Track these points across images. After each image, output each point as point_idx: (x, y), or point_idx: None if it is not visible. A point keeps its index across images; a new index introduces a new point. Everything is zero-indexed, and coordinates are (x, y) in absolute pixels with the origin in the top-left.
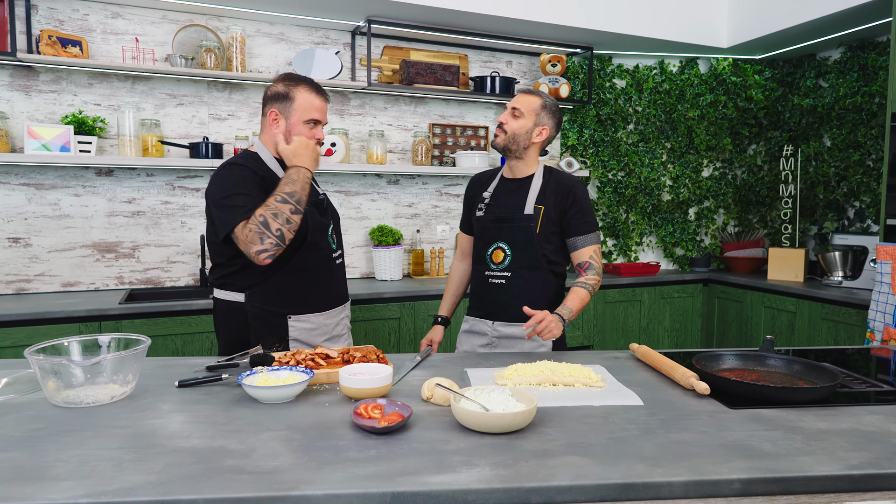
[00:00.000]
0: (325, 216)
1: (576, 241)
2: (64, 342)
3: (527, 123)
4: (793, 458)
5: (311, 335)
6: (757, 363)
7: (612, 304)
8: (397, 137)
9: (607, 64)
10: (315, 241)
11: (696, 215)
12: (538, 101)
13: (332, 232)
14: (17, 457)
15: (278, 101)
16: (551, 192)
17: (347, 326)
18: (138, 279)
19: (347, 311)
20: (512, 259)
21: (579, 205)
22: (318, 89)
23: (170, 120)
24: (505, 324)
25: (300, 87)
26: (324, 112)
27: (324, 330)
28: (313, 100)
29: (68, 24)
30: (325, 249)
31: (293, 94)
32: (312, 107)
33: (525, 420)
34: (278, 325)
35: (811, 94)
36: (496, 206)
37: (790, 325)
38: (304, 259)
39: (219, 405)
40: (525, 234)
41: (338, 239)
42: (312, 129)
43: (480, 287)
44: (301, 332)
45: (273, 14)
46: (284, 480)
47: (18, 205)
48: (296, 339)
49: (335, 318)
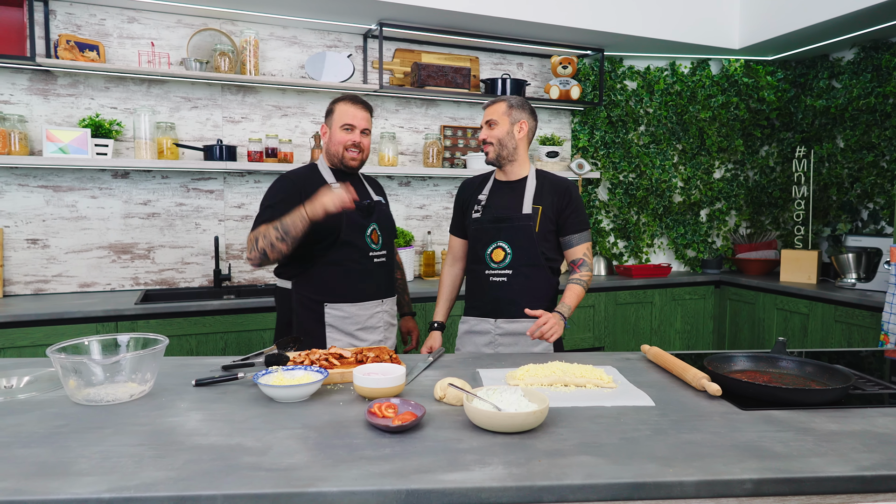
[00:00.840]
0: (368, 218)
1: (571, 239)
2: (84, 341)
3: (504, 127)
4: (804, 459)
5: (344, 323)
6: (769, 365)
7: (623, 306)
8: (409, 139)
9: (618, 66)
10: (350, 240)
11: (708, 217)
12: (503, 104)
13: (374, 233)
14: (40, 453)
15: (326, 118)
16: (547, 192)
17: (386, 321)
18: (153, 280)
19: (387, 306)
20: (513, 257)
21: (574, 205)
22: (356, 100)
23: (184, 123)
24: (508, 321)
25: (340, 102)
26: (359, 118)
27: (356, 320)
28: (348, 108)
29: (86, 29)
30: (362, 248)
31: (334, 108)
32: (346, 114)
33: (537, 420)
34: (317, 311)
35: (824, 95)
36: (493, 208)
37: (803, 328)
38: (340, 254)
39: (235, 404)
40: (525, 233)
41: (382, 241)
42: (349, 133)
43: (480, 286)
44: (335, 320)
45: (286, 18)
46: (301, 477)
47: (37, 206)
48: (331, 325)
49: (369, 311)
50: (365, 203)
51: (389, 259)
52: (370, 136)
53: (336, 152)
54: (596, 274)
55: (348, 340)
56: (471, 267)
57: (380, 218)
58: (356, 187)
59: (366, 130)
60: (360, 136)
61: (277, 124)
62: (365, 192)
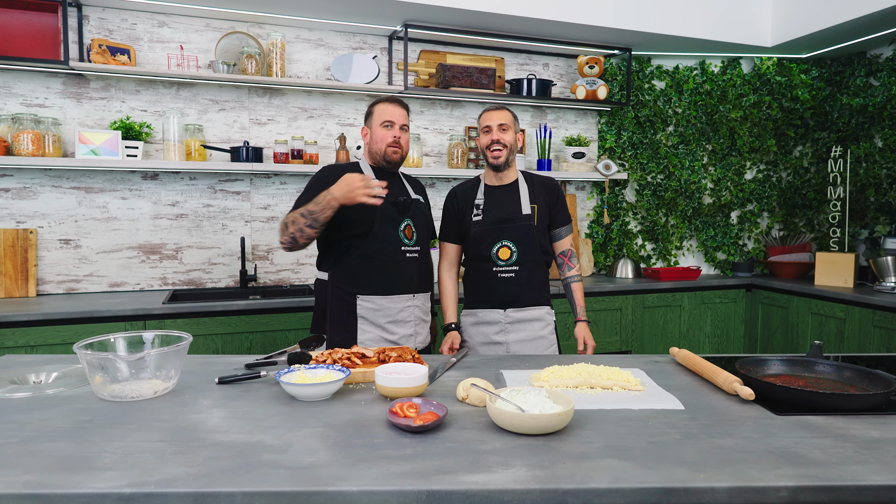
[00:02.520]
0: (403, 214)
1: (560, 232)
2: (110, 338)
3: (512, 133)
4: (843, 466)
5: (375, 315)
6: (804, 369)
7: (650, 309)
8: (433, 141)
9: (646, 65)
10: (383, 233)
11: (739, 219)
12: (510, 113)
13: (408, 228)
14: (65, 447)
15: (367, 119)
16: (539, 191)
17: (417, 316)
18: (181, 280)
19: (419, 301)
20: (518, 254)
21: (562, 201)
22: (393, 99)
23: (212, 125)
24: (517, 310)
25: (378, 103)
26: (397, 115)
27: (386, 313)
28: (386, 107)
29: (117, 34)
30: (395, 242)
31: (373, 110)
32: (385, 111)
33: (562, 422)
34: (349, 302)
35: (861, 94)
36: (494, 210)
37: (839, 333)
38: (373, 247)
39: (257, 402)
40: (527, 231)
41: (417, 237)
42: (389, 129)
43: (487, 282)
44: (366, 311)
45: (312, 20)
46: (321, 476)
47: (69, 208)
48: (362, 317)
49: (399, 304)
50: (401, 199)
51: (423, 255)
52: (408, 132)
53: (378, 149)
54: (623, 276)
55: (378, 333)
56: (475, 265)
57: (415, 215)
58: (396, 185)
59: (404, 126)
60: (399, 131)
61: (303, 126)
62: (403, 189)
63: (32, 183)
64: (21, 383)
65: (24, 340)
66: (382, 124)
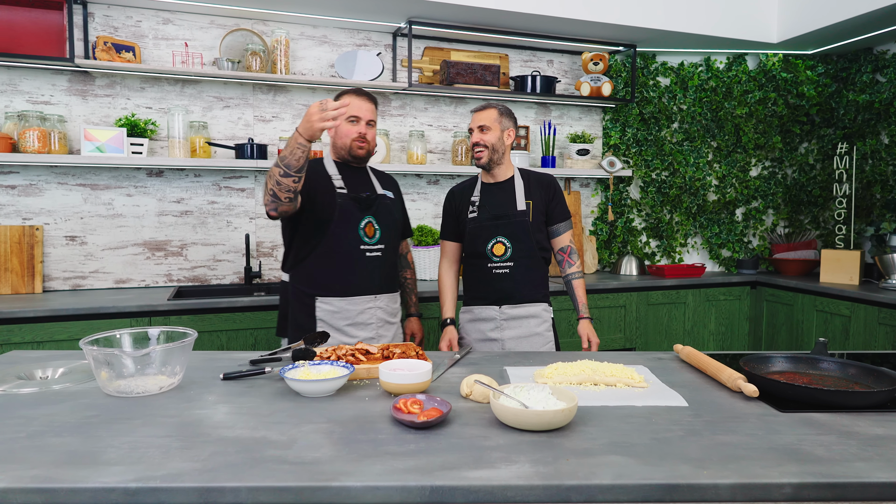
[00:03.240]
0: (365, 210)
1: (558, 228)
2: (116, 334)
3: (495, 133)
4: (848, 463)
5: (333, 318)
6: (809, 366)
7: (655, 307)
8: (437, 138)
9: (651, 62)
10: (340, 231)
11: (744, 216)
12: (494, 111)
13: (370, 226)
14: (71, 442)
15: None
16: (535, 187)
17: (379, 318)
18: (186, 277)
19: (381, 303)
20: (513, 250)
21: (559, 197)
22: (360, 92)
23: (216, 122)
24: (512, 306)
25: (345, 95)
26: (364, 110)
27: (346, 315)
28: (353, 100)
29: (122, 31)
30: (353, 240)
31: (339, 101)
32: (353, 106)
33: (565, 418)
34: (308, 304)
35: (868, 90)
36: (489, 207)
37: (844, 330)
38: (330, 246)
39: (262, 398)
40: (522, 227)
41: (380, 235)
42: (354, 125)
43: (483, 278)
44: (325, 314)
45: (316, 17)
46: (325, 471)
47: (75, 204)
48: (321, 320)
49: (359, 306)
50: (363, 195)
51: (388, 254)
52: (375, 127)
53: (343, 144)
54: (627, 273)
55: (338, 337)
56: (471, 262)
57: (379, 212)
58: (361, 180)
59: (371, 122)
60: (365, 127)
61: None
62: (368, 184)
63: (38, 180)
64: (28, 379)
65: (30, 336)
66: (349, 119)
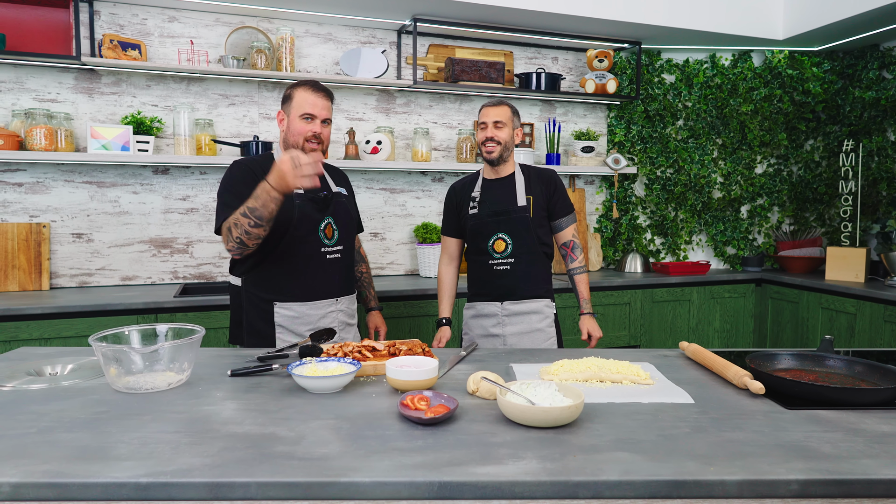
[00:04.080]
0: (323, 212)
1: (560, 223)
2: (125, 331)
3: (509, 130)
4: (854, 460)
5: (293, 323)
6: (815, 363)
7: (659, 304)
8: (442, 135)
9: (656, 59)
10: (301, 234)
11: (749, 213)
12: (508, 108)
13: (329, 227)
14: (82, 437)
15: (284, 103)
16: (535, 183)
17: (341, 321)
18: (191, 274)
19: (342, 305)
20: (513, 247)
21: (560, 191)
22: (316, 87)
23: (222, 119)
24: (513, 302)
25: (299, 88)
26: (319, 108)
27: (307, 320)
28: (308, 96)
29: (128, 29)
30: (314, 243)
31: (293, 94)
32: (306, 102)
33: (572, 415)
34: (266, 310)
35: (874, 87)
36: (489, 203)
37: (850, 328)
38: (289, 249)
39: (269, 394)
40: (523, 223)
41: (338, 236)
42: (308, 123)
43: (484, 275)
44: (284, 319)
45: (321, 14)
46: (333, 467)
47: (82, 202)
48: (280, 325)
49: (321, 310)
50: (320, 195)
51: (346, 255)
52: (331, 126)
53: (295, 142)
54: (632, 271)
55: (298, 342)
56: (473, 258)
57: (336, 211)
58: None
59: (327, 120)
60: (320, 126)
61: None
62: (323, 183)
63: (45, 177)
64: (37, 375)
65: (38, 333)
66: (302, 116)
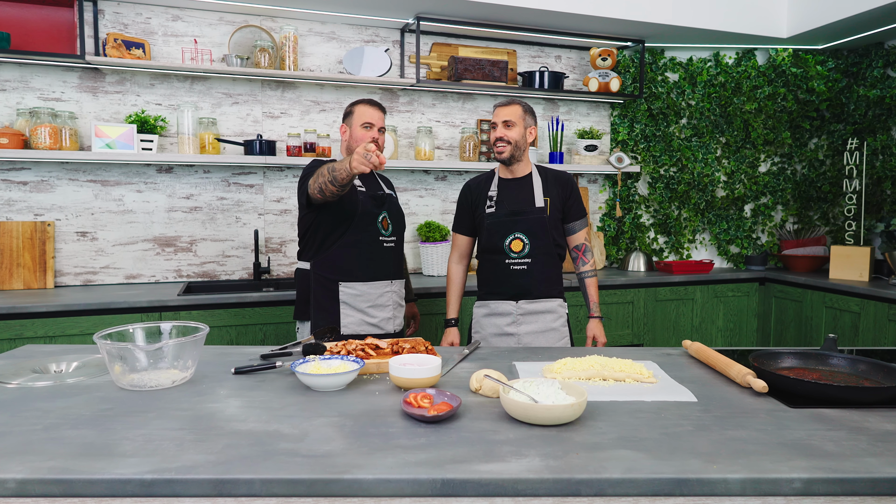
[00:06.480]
0: (380, 207)
1: (574, 226)
2: (129, 329)
3: (519, 129)
4: (858, 458)
5: (356, 300)
6: (818, 362)
7: (662, 303)
8: (445, 134)
9: (659, 57)
10: (363, 225)
11: (753, 212)
12: (519, 107)
13: (385, 220)
14: (87, 434)
15: (346, 118)
16: (552, 185)
17: (394, 301)
18: (195, 272)
19: (395, 287)
20: (531, 247)
21: (576, 195)
22: (373, 103)
23: (226, 118)
24: (529, 301)
25: (359, 104)
26: (376, 118)
27: (367, 298)
28: (366, 109)
29: (132, 28)
30: (373, 232)
31: (353, 110)
32: (366, 114)
33: (575, 413)
34: (332, 289)
35: (878, 85)
36: (507, 202)
37: (854, 327)
38: (353, 237)
39: (273, 391)
40: (540, 224)
41: (393, 227)
42: (368, 130)
43: (500, 274)
44: (348, 297)
45: (325, 13)
46: (337, 464)
47: (86, 200)
48: (344, 303)
49: (379, 290)
50: (379, 193)
51: (398, 245)
52: (385, 134)
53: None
54: (635, 270)
55: (360, 317)
56: (488, 257)
57: (390, 208)
58: (370, 182)
59: (382, 129)
60: (377, 133)
61: (316, 119)
62: (378, 185)
63: (50, 176)
64: (42, 372)
65: (42, 331)
66: (363, 125)
